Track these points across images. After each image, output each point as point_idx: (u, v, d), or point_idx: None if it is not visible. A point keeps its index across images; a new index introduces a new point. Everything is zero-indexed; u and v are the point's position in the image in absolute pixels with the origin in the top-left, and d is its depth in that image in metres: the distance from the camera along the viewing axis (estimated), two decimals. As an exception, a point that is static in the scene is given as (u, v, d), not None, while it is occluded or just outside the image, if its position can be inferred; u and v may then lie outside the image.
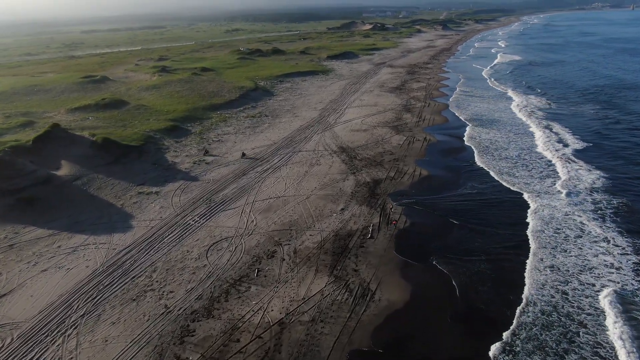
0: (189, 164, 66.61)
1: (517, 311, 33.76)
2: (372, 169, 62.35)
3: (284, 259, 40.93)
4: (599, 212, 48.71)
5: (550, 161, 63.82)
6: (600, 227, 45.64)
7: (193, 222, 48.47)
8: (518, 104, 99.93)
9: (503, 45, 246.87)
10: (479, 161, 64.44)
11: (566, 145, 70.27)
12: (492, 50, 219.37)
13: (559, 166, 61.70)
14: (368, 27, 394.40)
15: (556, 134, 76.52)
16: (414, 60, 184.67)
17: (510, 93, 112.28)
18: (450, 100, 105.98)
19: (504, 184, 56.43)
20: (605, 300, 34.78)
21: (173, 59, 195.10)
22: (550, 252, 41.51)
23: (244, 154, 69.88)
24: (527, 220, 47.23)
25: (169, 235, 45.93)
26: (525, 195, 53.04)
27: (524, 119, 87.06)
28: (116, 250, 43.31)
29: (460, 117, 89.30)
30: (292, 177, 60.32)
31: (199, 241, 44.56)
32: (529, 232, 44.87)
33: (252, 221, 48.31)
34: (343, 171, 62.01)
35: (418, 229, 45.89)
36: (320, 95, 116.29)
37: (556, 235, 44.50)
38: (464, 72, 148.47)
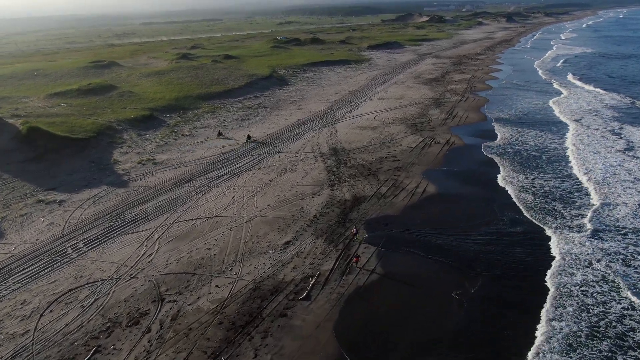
0: (132, 163, 52.42)
1: None
2: (360, 181, 45.35)
3: (149, 330, 25.24)
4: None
5: (623, 187, 44.06)
6: None
7: (71, 251, 33.79)
8: (576, 101, 78.62)
9: (568, 38, 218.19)
10: (515, 179, 45.64)
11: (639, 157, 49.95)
12: (555, 43, 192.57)
13: (636, 198, 42.01)
14: (425, 19, 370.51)
15: (626, 140, 55.87)
16: (465, 51, 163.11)
17: (567, 89, 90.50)
18: (494, 94, 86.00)
19: (548, 228, 37.57)
20: None
21: (205, 47, 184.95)
22: None
23: (249, 137, 60.75)
24: (588, 301, 28.84)
25: (22, 270, 31.47)
26: (585, 248, 34.30)
27: (583, 119, 66.35)
28: None
29: (501, 115, 69.78)
30: (248, 188, 44.50)
31: (53, 285, 29.75)
32: (582, 322, 26.58)
33: (151, 255, 32.96)
34: (319, 182, 45.42)
35: (388, 293, 28.62)
36: (341, 85, 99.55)
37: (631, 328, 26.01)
38: (518, 64, 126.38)
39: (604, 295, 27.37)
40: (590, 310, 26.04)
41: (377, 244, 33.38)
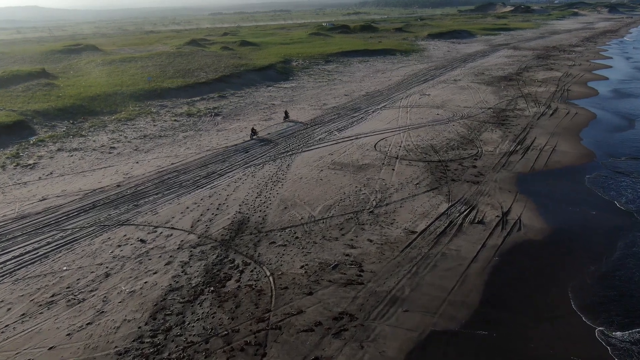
0: None
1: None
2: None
3: None
4: None
5: None
6: None
7: None
8: None
9: None
10: None
11: None
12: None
13: None
14: (508, 9, 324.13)
15: None
16: (555, 42, 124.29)
17: None
18: (604, 105, 50.80)
19: None
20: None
21: (237, 34, 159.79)
22: None
23: (287, 115, 47.56)
24: None
25: None
26: None
27: None
28: None
29: (625, 151, 35.45)
30: None
31: None
32: None
33: None
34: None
35: None
36: (362, 83, 68.09)
37: None
38: (638, 59, 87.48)
39: None
40: None
41: None
